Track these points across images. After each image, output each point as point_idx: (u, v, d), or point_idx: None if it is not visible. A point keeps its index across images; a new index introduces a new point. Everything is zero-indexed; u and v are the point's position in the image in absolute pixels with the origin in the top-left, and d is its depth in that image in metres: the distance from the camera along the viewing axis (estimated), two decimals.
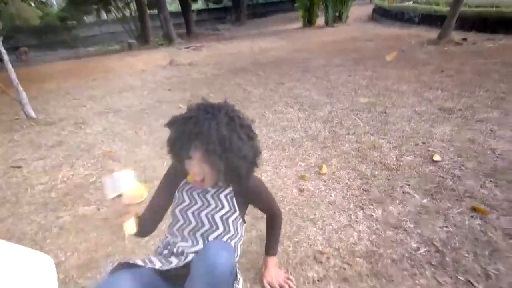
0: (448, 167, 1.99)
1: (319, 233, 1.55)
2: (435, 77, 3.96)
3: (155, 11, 11.47)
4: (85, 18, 15.87)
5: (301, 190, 1.90)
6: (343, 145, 2.42)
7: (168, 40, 10.63)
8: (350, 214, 1.66)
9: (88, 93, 5.03)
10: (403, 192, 1.80)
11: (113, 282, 0.91)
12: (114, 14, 13.29)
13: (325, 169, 2.08)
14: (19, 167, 2.60)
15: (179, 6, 14.43)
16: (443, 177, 1.89)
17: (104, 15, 16.16)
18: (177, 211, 1.12)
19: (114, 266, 1.02)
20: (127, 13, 12.83)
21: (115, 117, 3.70)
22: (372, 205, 1.72)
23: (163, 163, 2.40)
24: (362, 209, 1.69)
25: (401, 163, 2.09)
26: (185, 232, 1.10)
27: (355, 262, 1.36)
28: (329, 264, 1.36)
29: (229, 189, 1.08)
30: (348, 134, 2.61)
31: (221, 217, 1.07)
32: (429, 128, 2.57)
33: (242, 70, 5.44)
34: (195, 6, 17.86)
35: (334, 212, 1.69)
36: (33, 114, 3.82)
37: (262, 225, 1.48)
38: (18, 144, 3.13)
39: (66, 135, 3.26)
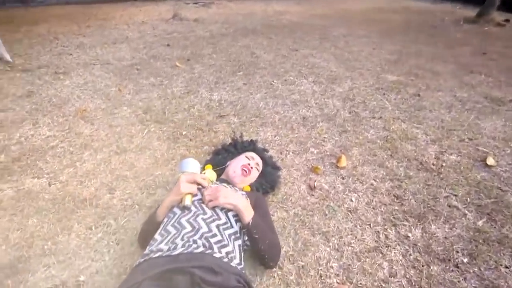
0: (506, 176, 1.48)
1: (335, 257, 1.08)
2: (476, 59, 3.31)
3: None
4: None
5: (311, 188, 1.42)
6: (367, 131, 1.89)
7: None
8: (378, 232, 1.18)
9: (78, 41, 4.38)
10: (450, 206, 1.31)
11: None
12: None
13: (344, 161, 1.57)
14: None
15: None
16: (502, 190, 1.39)
17: None
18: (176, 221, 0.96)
19: None
20: None
21: (101, 70, 3.12)
22: (407, 220, 1.24)
23: (143, 131, 1.89)
24: (395, 225, 1.21)
25: (444, 164, 1.58)
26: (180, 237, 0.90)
27: None
28: None
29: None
30: (373, 117, 2.07)
31: (217, 226, 0.95)
32: (475, 120, 2.02)
33: (253, 32, 4.72)
34: None
35: (356, 226, 1.21)
36: (8, 57, 3.24)
37: None
38: None
39: (41, 85, 2.72)
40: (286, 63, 3.20)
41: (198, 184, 1.03)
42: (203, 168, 1.23)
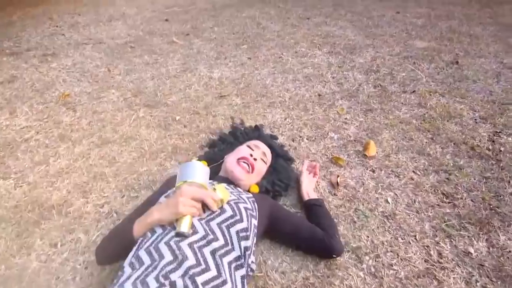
0: None
1: (371, 286, 0.78)
2: None
3: None
4: None
5: (334, 185, 1.09)
6: (398, 109, 1.53)
7: None
8: (428, 246, 0.87)
9: (73, 20, 4.04)
10: None
11: None
12: None
13: (373, 149, 1.23)
14: None
15: None
16: None
17: None
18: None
19: None
20: None
21: (93, 50, 2.80)
22: (465, 229, 0.91)
23: (130, 118, 1.59)
24: (449, 236, 0.89)
25: (502, 148, 1.21)
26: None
27: None
28: None
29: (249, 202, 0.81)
30: (405, 92, 1.68)
31: (212, 252, 0.66)
32: None
33: (259, 1, 4.22)
34: None
35: (396, 238, 0.90)
36: None
37: None
38: None
39: (26, 69, 2.43)
40: (296, 33, 2.77)
41: (204, 204, 0.72)
42: None
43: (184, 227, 0.65)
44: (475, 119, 1.41)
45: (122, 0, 5.13)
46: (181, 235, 0.65)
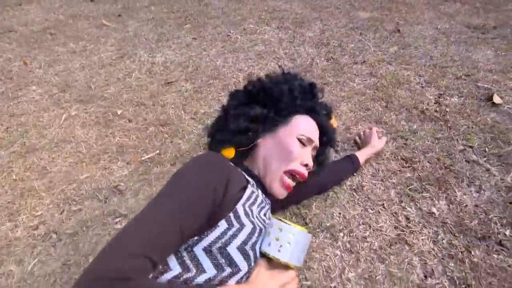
0: None
1: (349, 263, 0.77)
2: None
3: None
4: None
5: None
6: (352, 80, 1.54)
7: None
8: (396, 213, 0.88)
9: None
10: (468, 162, 1.04)
11: None
12: None
13: (334, 123, 1.21)
14: None
15: None
16: None
17: None
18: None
19: None
20: None
21: (1, 40, 2.33)
22: (426, 190, 0.95)
23: (60, 117, 1.36)
24: (413, 200, 0.92)
25: (447, 109, 1.29)
26: None
27: None
28: None
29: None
30: (355, 63, 1.70)
31: None
32: (465, 53, 1.75)
33: None
34: None
35: (366, 210, 0.90)
36: None
37: None
38: None
39: None
40: (242, 9, 2.63)
41: None
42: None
43: None
44: (421, 84, 1.48)
45: None
46: None
